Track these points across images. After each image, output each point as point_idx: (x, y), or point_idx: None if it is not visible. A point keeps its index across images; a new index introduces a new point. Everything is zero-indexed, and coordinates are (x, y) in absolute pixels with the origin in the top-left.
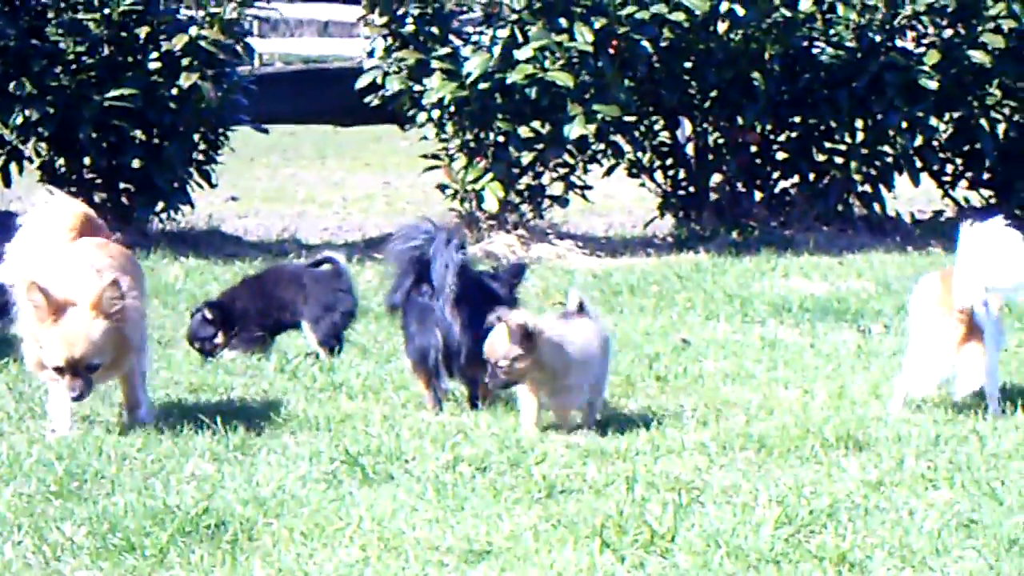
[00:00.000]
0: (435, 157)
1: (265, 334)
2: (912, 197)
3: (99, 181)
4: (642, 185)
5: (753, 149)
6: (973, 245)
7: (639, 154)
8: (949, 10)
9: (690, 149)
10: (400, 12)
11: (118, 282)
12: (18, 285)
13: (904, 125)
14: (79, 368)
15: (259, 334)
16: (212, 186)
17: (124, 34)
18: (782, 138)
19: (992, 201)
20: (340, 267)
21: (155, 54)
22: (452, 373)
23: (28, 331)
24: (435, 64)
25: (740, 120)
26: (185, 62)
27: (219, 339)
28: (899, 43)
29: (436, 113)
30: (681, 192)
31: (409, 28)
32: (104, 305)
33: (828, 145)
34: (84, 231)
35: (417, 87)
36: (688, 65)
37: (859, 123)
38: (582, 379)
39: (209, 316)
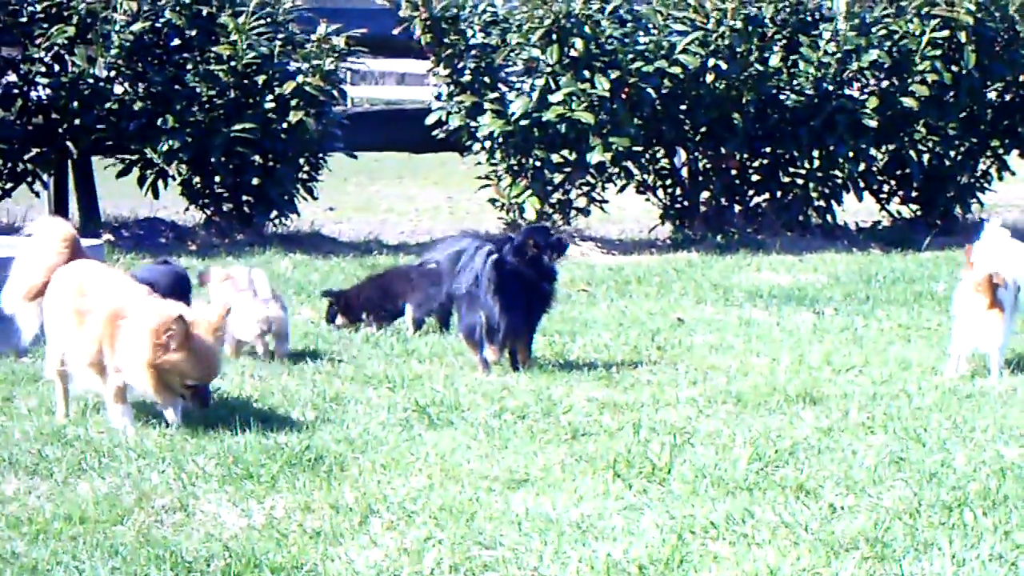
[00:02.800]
0: (487, 178)
1: (387, 314)
2: (856, 210)
3: (226, 195)
4: (647, 200)
5: (733, 172)
6: (996, 240)
7: (645, 176)
8: (886, 66)
9: (684, 172)
10: (460, 66)
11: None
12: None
13: (850, 154)
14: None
15: (384, 313)
16: (314, 199)
17: (246, 81)
18: (756, 164)
19: (919, 213)
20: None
21: (270, 97)
22: (495, 344)
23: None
24: (487, 106)
25: (723, 150)
26: (293, 103)
27: (339, 320)
28: (847, 91)
29: (488, 143)
30: (677, 205)
31: (467, 78)
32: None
33: (792, 169)
34: (74, 253)
35: (473, 123)
36: (683, 107)
37: (816, 153)
38: None
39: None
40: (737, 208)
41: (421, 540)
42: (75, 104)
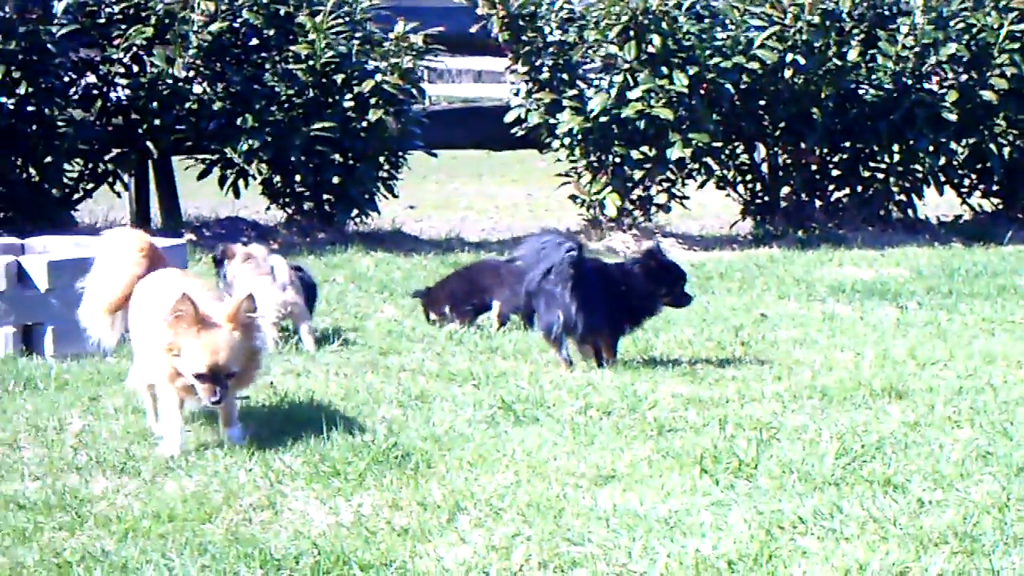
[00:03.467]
0: (566, 175)
1: (471, 309)
2: (937, 204)
3: (307, 194)
4: (727, 195)
5: (813, 167)
6: None
7: (725, 171)
8: (964, 59)
9: (764, 167)
10: (538, 63)
11: (253, 297)
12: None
13: (931, 148)
14: (220, 375)
15: (467, 308)
16: (394, 197)
17: (325, 80)
18: (836, 159)
19: (1000, 207)
20: None
21: (349, 95)
22: (576, 342)
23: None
24: (565, 103)
25: (803, 145)
26: (372, 101)
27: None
28: (926, 85)
29: (567, 140)
30: (758, 201)
31: (545, 75)
32: (241, 320)
33: (872, 164)
34: (152, 262)
35: (552, 120)
36: (762, 102)
37: (896, 147)
38: None
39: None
40: (818, 203)
41: (509, 537)
42: (154, 104)
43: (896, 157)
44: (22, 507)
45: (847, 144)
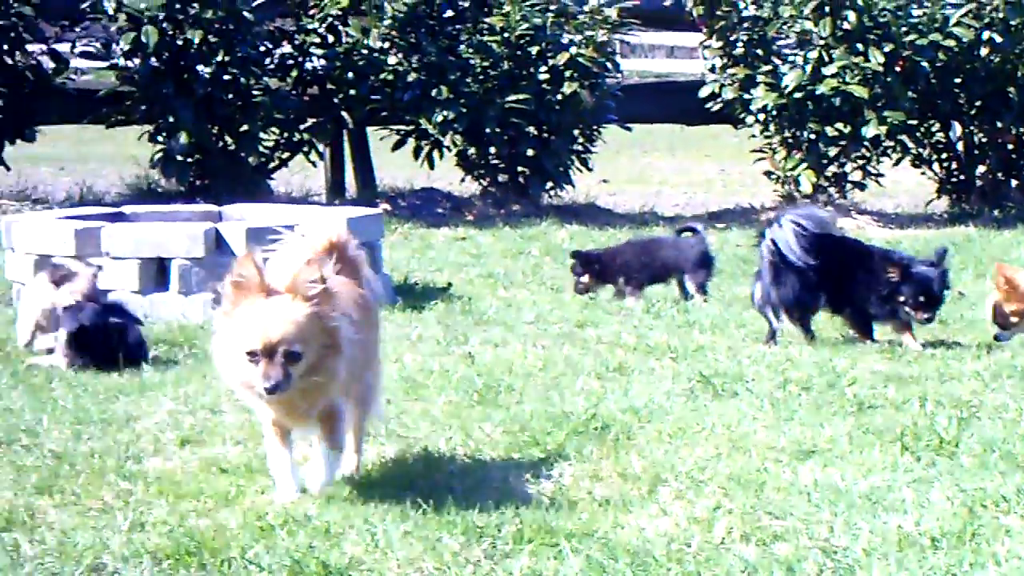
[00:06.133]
0: (761, 151)
1: (644, 282)
2: None
3: (502, 166)
4: (923, 174)
5: (1010, 146)
6: None
7: (920, 150)
8: None
9: (960, 146)
10: (732, 38)
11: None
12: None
13: None
14: (275, 352)
15: (641, 278)
16: (589, 170)
17: (520, 52)
18: None
19: None
20: (701, 233)
21: (544, 68)
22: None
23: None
24: (760, 78)
25: (999, 124)
26: (567, 74)
27: (586, 280)
28: None
29: (761, 116)
30: (954, 179)
31: (739, 50)
32: (301, 288)
33: None
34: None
35: (746, 96)
36: (958, 81)
37: None
38: None
39: (580, 267)
40: (1014, 182)
41: (711, 509)
42: (349, 75)
43: None
44: (224, 471)
45: None
